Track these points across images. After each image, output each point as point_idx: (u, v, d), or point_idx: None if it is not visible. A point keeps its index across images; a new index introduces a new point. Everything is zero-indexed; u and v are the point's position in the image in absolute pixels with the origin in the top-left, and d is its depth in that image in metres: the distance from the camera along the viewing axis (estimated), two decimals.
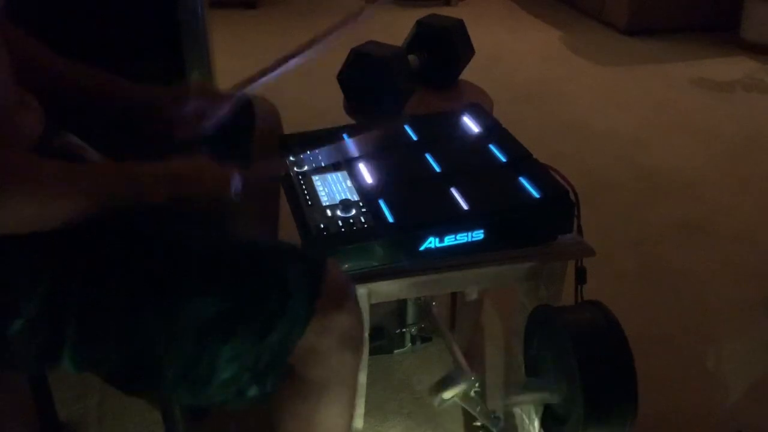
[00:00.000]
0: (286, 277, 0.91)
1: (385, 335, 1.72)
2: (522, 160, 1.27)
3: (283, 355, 0.91)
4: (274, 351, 0.90)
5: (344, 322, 0.93)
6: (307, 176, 1.25)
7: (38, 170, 0.84)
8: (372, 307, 1.14)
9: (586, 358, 1.02)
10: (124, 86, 1.14)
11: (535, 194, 1.17)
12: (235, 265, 0.92)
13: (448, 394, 1.48)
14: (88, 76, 1.12)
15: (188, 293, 0.89)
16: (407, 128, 1.38)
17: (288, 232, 1.25)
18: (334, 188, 1.21)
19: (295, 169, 1.27)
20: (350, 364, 0.97)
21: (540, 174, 1.21)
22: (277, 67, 1.27)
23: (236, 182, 1.02)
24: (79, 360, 0.90)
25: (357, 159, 1.27)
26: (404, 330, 1.71)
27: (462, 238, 1.11)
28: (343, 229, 1.10)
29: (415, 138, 1.35)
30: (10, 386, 1.17)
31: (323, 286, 0.92)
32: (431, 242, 1.10)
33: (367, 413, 1.40)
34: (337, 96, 1.69)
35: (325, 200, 1.18)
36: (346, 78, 1.64)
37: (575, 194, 1.17)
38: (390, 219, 1.11)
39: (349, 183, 1.23)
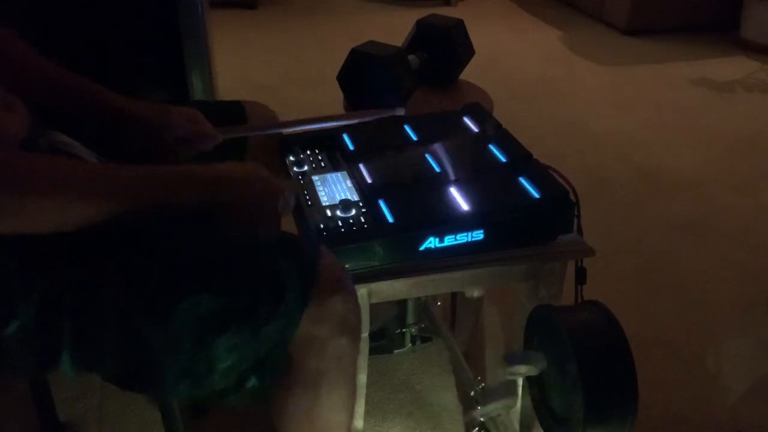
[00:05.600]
0: (279, 268, 0.91)
1: (385, 335, 1.72)
2: (522, 160, 1.27)
3: (281, 346, 0.91)
4: (272, 342, 0.90)
5: (340, 309, 0.93)
6: (307, 176, 1.25)
7: (58, 173, 0.83)
8: (372, 307, 1.14)
9: (586, 359, 1.02)
10: (110, 97, 1.13)
11: (535, 194, 1.17)
12: (227, 261, 0.92)
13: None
14: (76, 83, 1.11)
15: (181, 292, 0.89)
16: (407, 128, 1.38)
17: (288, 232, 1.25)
18: (334, 188, 1.21)
19: (295, 169, 1.27)
20: (348, 351, 0.96)
21: (540, 174, 1.21)
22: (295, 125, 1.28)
23: (288, 196, 1.02)
24: (77, 363, 0.90)
25: (357, 159, 1.27)
26: (404, 330, 1.71)
27: (462, 238, 1.11)
28: (343, 229, 1.10)
29: (415, 138, 1.35)
30: (10, 386, 1.17)
31: (317, 274, 0.92)
32: (431, 242, 1.10)
33: (367, 413, 1.40)
34: (337, 96, 1.69)
35: (325, 200, 1.18)
36: (346, 78, 1.64)
37: (575, 194, 1.17)
38: (390, 219, 1.11)
39: (349, 183, 1.23)
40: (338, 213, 1.13)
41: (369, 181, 1.21)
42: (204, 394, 0.94)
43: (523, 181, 1.20)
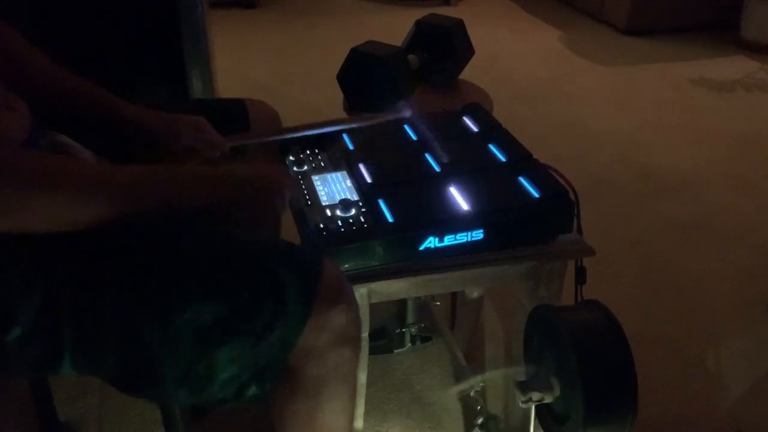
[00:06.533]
0: (282, 278, 0.91)
1: (385, 335, 1.72)
2: (522, 160, 1.27)
3: (282, 356, 0.91)
4: (273, 352, 0.90)
5: (341, 319, 0.93)
6: (307, 176, 1.25)
7: (64, 171, 0.83)
8: (372, 307, 1.14)
9: (586, 358, 1.02)
10: (118, 105, 1.14)
11: (535, 194, 1.17)
12: (229, 269, 0.92)
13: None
14: (82, 88, 1.12)
15: (183, 299, 0.89)
16: (407, 128, 1.38)
17: (288, 232, 1.25)
18: (333, 188, 1.21)
19: (295, 168, 1.27)
20: (349, 361, 0.97)
21: (540, 174, 1.21)
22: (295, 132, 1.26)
23: (290, 190, 1.02)
24: (78, 366, 0.90)
25: (357, 159, 1.27)
26: (404, 330, 1.71)
27: (462, 237, 1.11)
28: (343, 229, 1.10)
29: (415, 138, 1.35)
30: (10, 387, 1.17)
31: (319, 285, 0.92)
32: (431, 242, 1.10)
33: (367, 413, 1.40)
34: (337, 96, 1.69)
35: (324, 200, 1.18)
36: (346, 78, 1.64)
37: (575, 194, 1.17)
38: (390, 219, 1.11)
39: (348, 183, 1.23)
40: (338, 213, 1.13)
41: (369, 180, 1.21)
42: (204, 401, 0.94)
43: (523, 180, 1.20)
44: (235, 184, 0.97)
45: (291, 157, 1.30)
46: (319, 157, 1.31)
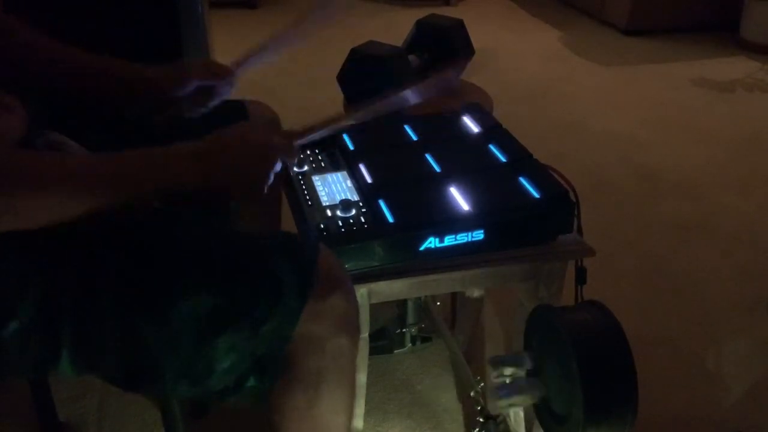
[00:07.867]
0: (278, 267, 0.91)
1: (385, 335, 1.72)
2: (522, 160, 1.27)
3: (280, 345, 0.91)
4: (271, 341, 0.90)
5: (338, 307, 0.93)
6: (307, 176, 1.25)
7: (54, 171, 0.82)
8: (372, 307, 1.14)
9: (586, 358, 1.02)
10: (121, 65, 1.14)
11: (535, 194, 1.17)
12: (226, 262, 0.92)
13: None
14: (83, 57, 1.13)
15: (181, 294, 0.89)
16: (407, 128, 1.38)
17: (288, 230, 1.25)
18: (334, 188, 1.21)
19: (295, 169, 1.27)
20: (348, 351, 0.96)
21: (540, 174, 1.21)
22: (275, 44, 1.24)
23: (284, 153, 1.00)
24: (76, 363, 0.90)
25: (357, 159, 1.27)
26: (404, 330, 1.71)
27: (462, 238, 1.11)
28: (343, 229, 1.10)
29: (415, 138, 1.35)
30: (9, 386, 1.17)
31: (315, 273, 0.92)
32: (431, 242, 1.10)
33: (367, 413, 1.40)
34: (337, 96, 1.69)
35: (325, 200, 1.18)
36: (346, 78, 1.64)
37: (575, 194, 1.17)
38: (390, 219, 1.11)
39: (349, 183, 1.23)
40: (338, 213, 1.13)
41: (369, 181, 1.21)
42: (203, 394, 0.94)
43: (523, 181, 1.20)
44: (224, 148, 0.94)
45: None
46: (319, 157, 1.31)
